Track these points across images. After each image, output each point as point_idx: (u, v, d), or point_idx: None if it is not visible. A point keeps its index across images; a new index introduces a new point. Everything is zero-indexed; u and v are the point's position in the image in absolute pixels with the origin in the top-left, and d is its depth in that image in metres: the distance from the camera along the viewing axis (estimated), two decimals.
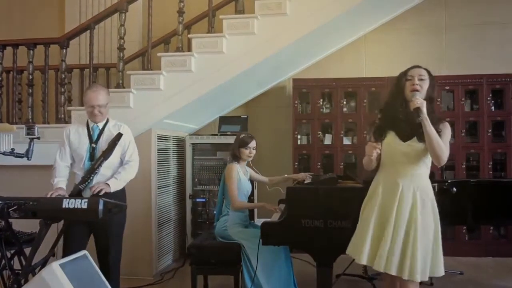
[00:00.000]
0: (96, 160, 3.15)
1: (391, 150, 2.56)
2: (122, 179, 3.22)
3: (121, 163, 3.31)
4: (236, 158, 3.67)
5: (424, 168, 2.55)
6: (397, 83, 2.62)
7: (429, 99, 2.53)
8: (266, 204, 3.63)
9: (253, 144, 3.67)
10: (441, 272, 2.45)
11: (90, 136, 3.25)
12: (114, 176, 3.20)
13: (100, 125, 3.28)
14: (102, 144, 3.22)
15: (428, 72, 2.60)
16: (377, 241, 2.47)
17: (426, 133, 2.44)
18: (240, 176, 3.61)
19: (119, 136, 3.19)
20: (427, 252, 2.42)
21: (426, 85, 2.55)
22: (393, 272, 2.40)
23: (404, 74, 2.61)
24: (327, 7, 4.21)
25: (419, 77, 2.54)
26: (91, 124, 3.28)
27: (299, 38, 4.26)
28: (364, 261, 2.48)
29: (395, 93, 2.62)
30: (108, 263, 3.15)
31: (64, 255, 2.91)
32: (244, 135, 3.75)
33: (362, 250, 2.49)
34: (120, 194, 3.26)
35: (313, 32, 4.28)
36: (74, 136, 3.28)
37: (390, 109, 2.64)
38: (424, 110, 2.44)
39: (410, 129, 2.53)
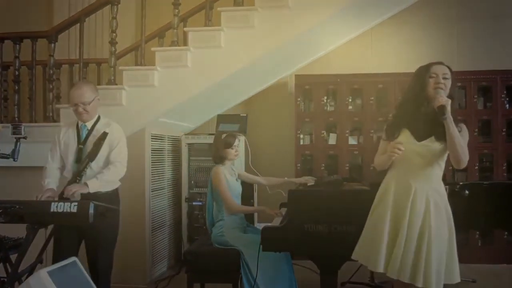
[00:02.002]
0: (81, 162, 3.15)
1: (404, 150, 2.53)
2: (103, 180, 3.13)
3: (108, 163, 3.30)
4: (222, 159, 3.72)
5: (438, 170, 2.55)
6: (418, 79, 2.59)
7: (450, 98, 2.50)
8: (266, 208, 3.65)
9: (237, 142, 3.74)
10: (456, 278, 2.45)
11: (78, 137, 3.25)
12: (96, 175, 3.14)
13: (89, 124, 3.28)
14: (90, 144, 3.20)
15: (450, 70, 2.59)
16: (391, 244, 2.45)
17: (449, 133, 2.43)
18: (228, 178, 3.65)
19: (104, 135, 3.18)
20: (441, 259, 2.42)
21: (449, 84, 2.55)
22: (406, 279, 2.39)
23: (426, 70, 2.57)
24: None
25: (443, 76, 2.53)
26: (79, 124, 3.28)
27: (302, 32, 4.26)
28: (380, 268, 2.44)
29: (417, 90, 2.58)
30: (97, 272, 3.13)
31: (54, 263, 2.91)
32: (225, 135, 3.79)
33: (377, 257, 2.45)
34: (113, 197, 3.25)
35: (316, 26, 4.28)
36: (64, 138, 3.29)
37: (409, 106, 2.62)
38: (449, 108, 2.42)
39: (428, 128, 2.52)
